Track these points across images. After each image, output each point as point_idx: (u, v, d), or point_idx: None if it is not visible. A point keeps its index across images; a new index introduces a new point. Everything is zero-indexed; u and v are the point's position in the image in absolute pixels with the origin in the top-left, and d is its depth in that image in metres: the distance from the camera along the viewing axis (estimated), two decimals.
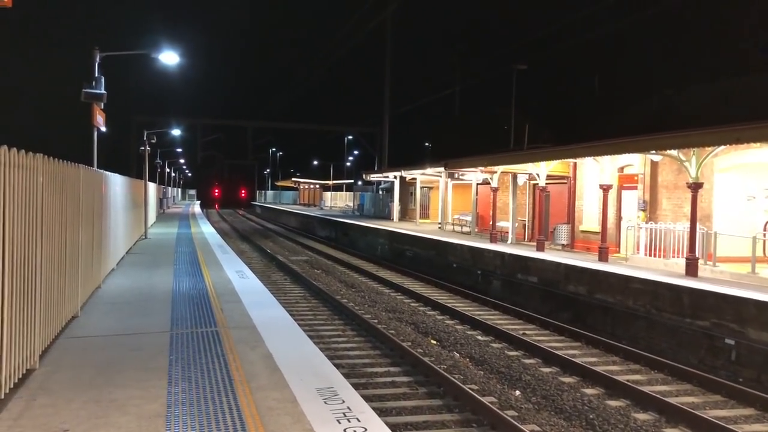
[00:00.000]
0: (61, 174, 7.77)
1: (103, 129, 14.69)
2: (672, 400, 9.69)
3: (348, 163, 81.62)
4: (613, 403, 9.84)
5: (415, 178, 36.80)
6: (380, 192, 48.70)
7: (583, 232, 22.66)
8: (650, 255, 17.41)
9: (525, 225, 26.74)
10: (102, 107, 14.27)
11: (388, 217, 41.48)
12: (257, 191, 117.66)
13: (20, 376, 6.05)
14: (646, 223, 18.55)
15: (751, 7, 33.71)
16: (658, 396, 9.80)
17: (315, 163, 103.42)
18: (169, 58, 16.39)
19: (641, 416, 9.28)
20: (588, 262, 17.46)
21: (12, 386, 5.77)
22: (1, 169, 5.33)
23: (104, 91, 13.82)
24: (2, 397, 5.46)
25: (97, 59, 14.15)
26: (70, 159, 8.44)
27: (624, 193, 21.08)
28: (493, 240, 24.34)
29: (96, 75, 13.88)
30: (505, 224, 26.02)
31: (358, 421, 5.29)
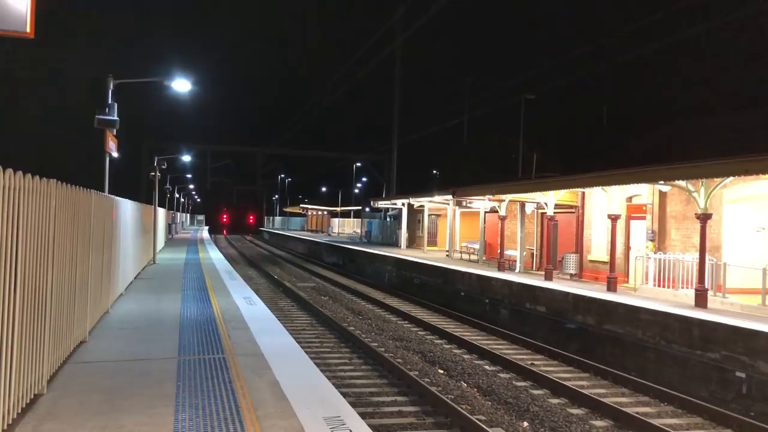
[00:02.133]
0: (73, 199, 7.84)
1: (115, 155, 14.84)
2: None
3: (356, 190, 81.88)
4: None
5: (423, 206, 36.85)
6: (388, 219, 48.75)
7: (591, 261, 22.58)
8: (659, 285, 17.31)
9: (533, 254, 26.68)
10: (114, 134, 14.44)
11: (395, 244, 41.46)
12: (265, 217, 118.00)
13: (28, 401, 6.05)
14: (655, 253, 18.48)
15: (758, 41, 33.92)
16: (668, 429, 9.68)
17: (323, 189, 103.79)
18: (181, 85, 16.61)
19: None
20: (597, 292, 17.38)
21: (20, 411, 5.77)
22: (15, 194, 5.39)
23: (117, 118, 13.99)
24: (10, 422, 5.45)
25: (111, 86, 14.35)
26: (80, 184, 8.52)
27: (632, 222, 21.05)
28: (501, 268, 24.27)
29: (109, 102, 14.06)
30: (513, 253, 25.97)
31: None
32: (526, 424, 10.20)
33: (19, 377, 5.62)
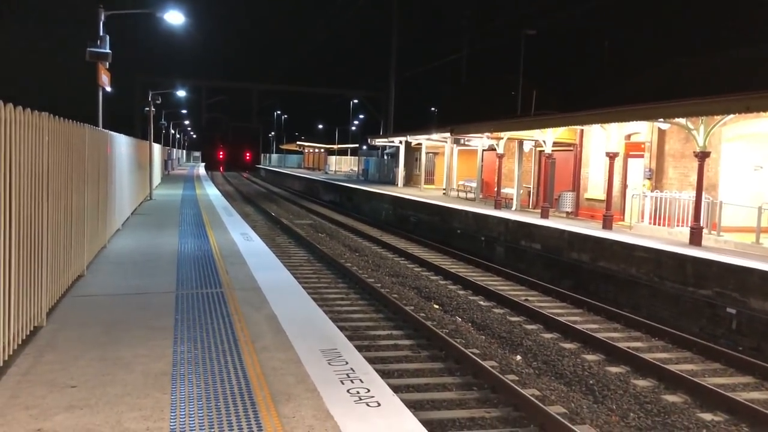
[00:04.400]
0: (67, 133, 7.75)
1: (109, 89, 14.61)
2: (671, 368, 9.78)
3: (353, 128, 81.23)
4: (613, 369, 9.94)
5: (420, 144, 36.64)
6: (385, 157, 48.53)
7: (588, 199, 22.62)
8: (655, 223, 17.40)
9: (530, 192, 26.70)
10: (107, 67, 14.18)
11: (392, 182, 41.42)
12: (262, 154, 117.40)
13: (28, 333, 6.12)
14: (652, 191, 18.50)
15: None
16: (657, 363, 9.88)
17: (320, 126, 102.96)
18: (174, 17, 16.22)
19: (641, 383, 9.38)
20: (592, 229, 17.47)
21: (20, 343, 5.85)
22: (6, 127, 5.31)
23: (109, 51, 13.71)
24: (11, 353, 5.53)
25: (102, 18, 14.00)
26: (75, 119, 8.41)
27: (630, 161, 20.99)
28: (497, 206, 24.32)
29: (101, 34, 13.75)
30: (510, 191, 25.98)
31: (361, 381, 5.36)
32: (519, 357, 10.40)
33: (18, 310, 5.67)
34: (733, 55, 27.76)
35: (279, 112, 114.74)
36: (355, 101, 72.13)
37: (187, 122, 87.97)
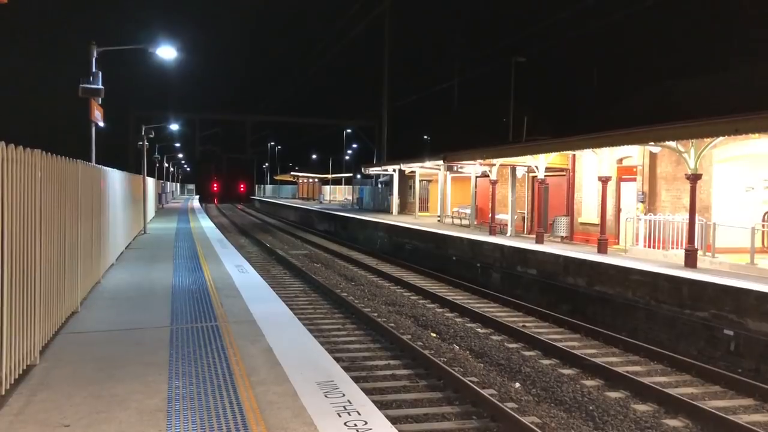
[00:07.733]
0: (60, 170, 7.75)
1: (102, 124, 14.66)
2: (671, 391, 9.72)
3: (347, 157, 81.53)
4: (612, 394, 9.87)
5: (414, 172, 36.78)
6: (379, 185, 48.66)
7: (582, 224, 22.67)
8: (649, 246, 17.42)
9: (524, 217, 26.74)
10: (100, 102, 14.25)
11: (387, 210, 41.48)
12: (256, 185, 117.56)
13: (21, 372, 6.05)
14: (645, 214, 18.56)
15: None
16: (657, 387, 9.82)
17: (314, 156, 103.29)
18: (166, 52, 16.36)
19: (641, 407, 9.31)
20: (587, 254, 17.47)
21: (12, 382, 5.77)
22: None
23: (102, 86, 13.80)
24: (3, 393, 5.46)
25: (95, 54, 14.11)
26: (67, 154, 8.42)
27: (623, 184, 21.08)
28: (492, 233, 24.34)
29: (93, 70, 13.85)
30: (504, 217, 26.02)
31: (359, 414, 5.30)
32: (518, 384, 10.32)
33: (10, 348, 5.61)
34: (722, 77, 28.07)
35: (273, 143, 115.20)
36: (349, 131, 72.49)
37: (180, 155, 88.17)
